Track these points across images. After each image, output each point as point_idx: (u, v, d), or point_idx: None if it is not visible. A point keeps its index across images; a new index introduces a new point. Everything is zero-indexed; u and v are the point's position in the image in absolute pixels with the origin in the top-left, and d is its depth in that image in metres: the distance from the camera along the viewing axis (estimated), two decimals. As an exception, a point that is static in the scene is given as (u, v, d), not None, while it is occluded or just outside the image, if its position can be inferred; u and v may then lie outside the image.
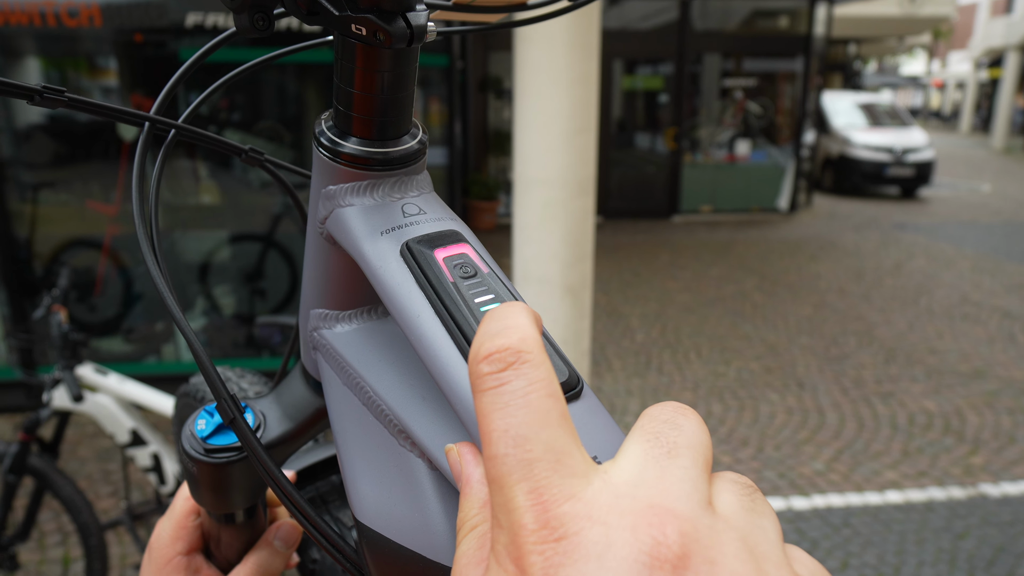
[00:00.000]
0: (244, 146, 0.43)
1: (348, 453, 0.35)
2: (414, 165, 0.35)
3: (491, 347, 0.23)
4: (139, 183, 0.36)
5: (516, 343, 0.23)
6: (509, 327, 0.23)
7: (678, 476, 0.21)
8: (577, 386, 0.27)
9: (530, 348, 0.23)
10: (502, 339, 0.23)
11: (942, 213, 10.27)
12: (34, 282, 3.81)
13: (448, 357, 0.28)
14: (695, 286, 6.39)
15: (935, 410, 3.97)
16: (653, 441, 0.22)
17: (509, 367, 0.22)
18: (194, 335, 0.32)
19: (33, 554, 2.69)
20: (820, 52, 9.89)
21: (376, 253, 0.32)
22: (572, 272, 2.74)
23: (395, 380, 0.34)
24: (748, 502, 0.22)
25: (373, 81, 0.31)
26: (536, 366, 0.22)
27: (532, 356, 0.22)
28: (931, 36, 28.93)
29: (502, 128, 9.00)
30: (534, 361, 0.22)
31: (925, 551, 2.77)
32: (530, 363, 0.22)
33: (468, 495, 0.25)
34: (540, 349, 0.23)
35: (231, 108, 4.17)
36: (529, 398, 0.21)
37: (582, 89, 2.58)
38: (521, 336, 0.23)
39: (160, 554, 0.46)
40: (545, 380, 0.22)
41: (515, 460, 0.21)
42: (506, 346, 0.23)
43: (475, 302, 0.29)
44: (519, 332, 0.23)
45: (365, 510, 0.33)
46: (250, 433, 0.33)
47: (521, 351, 0.22)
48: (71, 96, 0.33)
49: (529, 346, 0.23)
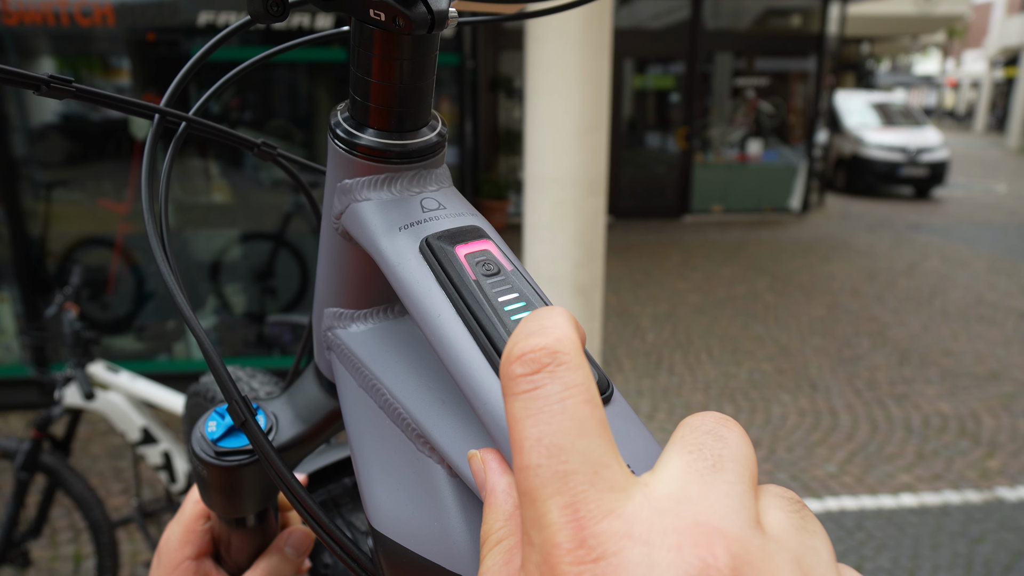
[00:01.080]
0: (256, 140, 0.42)
1: (364, 458, 0.33)
2: (433, 158, 0.33)
3: (525, 347, 0.21)
4: (149, 177, 0.34)
5: (552, 343, 0.21)
6: (547, 327, 0.22)
7: (724, 491, 0.19)
8: (607, 390, 0.26)
9: (567, 349, 0.21)
10: (537, 339, 0.21)
11: (956, 213, 10.17)
12: (47, 280, 3.83)
13: (471, 359, 0.27)
14: (706, 286, 6.35)
15: (950, 412, 3.92)
16: (696, 453, 0.21)
17: (543, 369, 0.21)
18: (204, 333, 0.31)
19: (45, 551, 2.70)
20: (833, 51, 9.81)
21: (394, 250, 0.30)
22: (583, 272, 2.72)
23: (413, 382, 0.32)
24: (798, 520, 0.20)
25: (392, 69, 0.30)
26: (573, 369, 0.21)
27: (569, 358, 0.21)
28: (946, 35, 28.67)
29: (513, 127, 8.98)
30: (571, 364, 0.21)
31: (940, 555, 2.73)
32: (567, 365, 0.21)
33: (493, 506, 0.24)
34: (578, 351, 0.21)
35: (243, 107, 4.18)
36: (565, 404, 0.20)
37: (593, 88, 2.56)
38: (558, 336, 0.21)
39: (169, 558, 0.45)
40: (583, 385, 0.20)
41: (549, 472, 0.19)
42: (541, 346, 0.21)
43: (499, 301, 0.28)
44: (556, 332, 0.22)
45: (381, 517, 0.31)
46: (262, 436, 0.32)
47: (558, 352, 0.21)
48: (79, 87, 0.32)
49: (566, 347, 0.21)
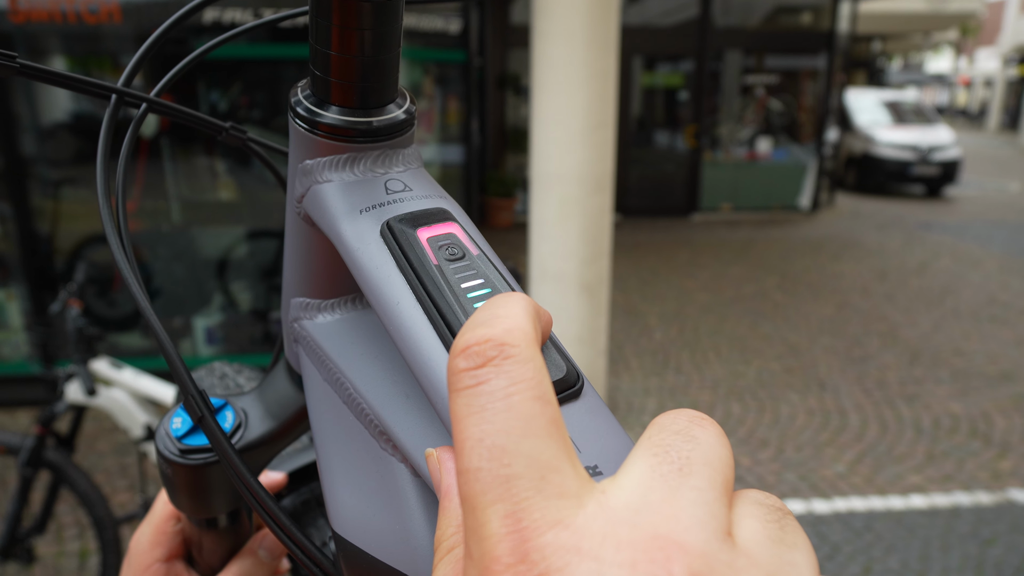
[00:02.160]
0: (224, 124, 0.40)
1: (326, 456, 0.31)
2: (400, 137, 0.31)
3: (471, 339, 0.19)
4: (105, 159, 0.33)
5: (500, 335, 0.19)
6: (497, 316, 0.20)
7: (690, 499, 0.17)
8: (576, 384, 0.24)
9: (516, 341, 0.19)
10: (484, 330, 0.19)
11: (968, 212, 10.06)
12: (54, 277, 3.84)
13: (430, 348, 0.25)
14: (714, 285, 6.31)
15: (961, 413, 3.87)
16: (662, 456, 0.19)
17: (489, 363, 0.19)
18: (158, 321, 0.29)
19: (50, 547, 2.70)
20: (844, 49, 9.73)
21: (354, 233, 0.29)
22: (589, 269, 2.70)
23: (378, 376, 0.30)
24: (776, 531, 0.18)
25: (352, 41, 0.28)
26: (522, 362, 0.19)
27: (518, 351, 0.19)
28: (958, 32, 28.39)
29: (519, 125, 8.96)
30: (520, 356, 0.19)
31: (950, 557, 2.69)
32: (515, 359, 0.19)
33: (447, 509, 0.22)
34: (530, 343, 0.19)
35: (251, 105, 4.18)
36: (511, 401, 0.18)
37: (600, 84, 2.54)
38: (507, 327, 0.19)
39: (139, 560, 0.43)
40: (532, 380, 0.19)
41: (490, 476, 0.17)
42: (487, 337, 0.19)
43: (461, 287, 0.26)
44: (506, 322, 0.20)
45: (342, 520, 0.30)
46: (220, 433, 0.30)
47: (505, 344, 0.19)
48: (24, 63, 0.30)
49: (515, 339, 0.19)
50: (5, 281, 3.79)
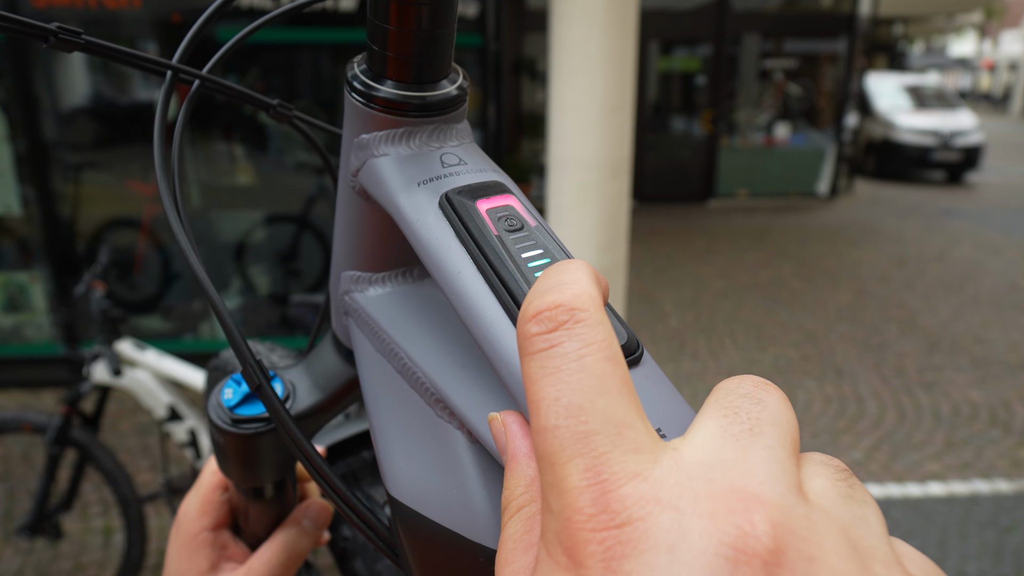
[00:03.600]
0: (272, 101, 0.41)
1: (381, 424, 0.32)
2: (454, 112, 0.32)
3: (541, 304, 0.20)
4: (161, 136, 0.33)
5: (570, 299, 0.20)
6: (564, 283, 0.20)
7: (763, 457, 0.18)
8: (637, 351, 0.25)
9: (585, 305, 0.20)
10: (554, 295, 0.20)
11: (991, 199, 9.91)
12: (77, 260, 3.89)
13: (493, 316, 0.25)
14: (730, 272, 6.27)
15: (981, 401, 3.84)
16: (732, 417, 0.19)
17: (561, 327, 0.19)
18: (216, 293, 0.30)
19: (76, 524, 2.76)
20: (864, 32, 9.57)
21: (412, 205, 0.29)
22: (606, 255, 2.70)
23: (432, 345, 0.31)
24: (845, 488, 0.19)
25: (411, 15, 0.28)
26: (592, 325, 0.19)
27: (588, 315, 0.20)
28: (983, 14, 27.81)
29: (535, 110, 8.91)
30: (590, 320, 0.19)
31: (969, 545, 2.68)
32: (585, 322, 0.19)
33: (514, 471, 0.22)
34: (598, 307, 0.20)
35: (268, 90, 4.19)
36: (584, 361, 0.19)
37: (618, 68, 2.52)
38: (575, 292, 0.20)
39: (187, 529, 0.45)
40: (603, 342, 0.19)
41: (568, 433, 0.18)
42: (558, 303, 0.20)
43: (522, 257, 0.27)
44: (574, 288, 0.20)
45: (399, 485, 0.30)
46: (277, 401, 0.31)
47: (575, 308, 0.20)
48: (88, 39, 0.31)
49: (584, 303, 0.20)
50: (29, 264, 3.85)
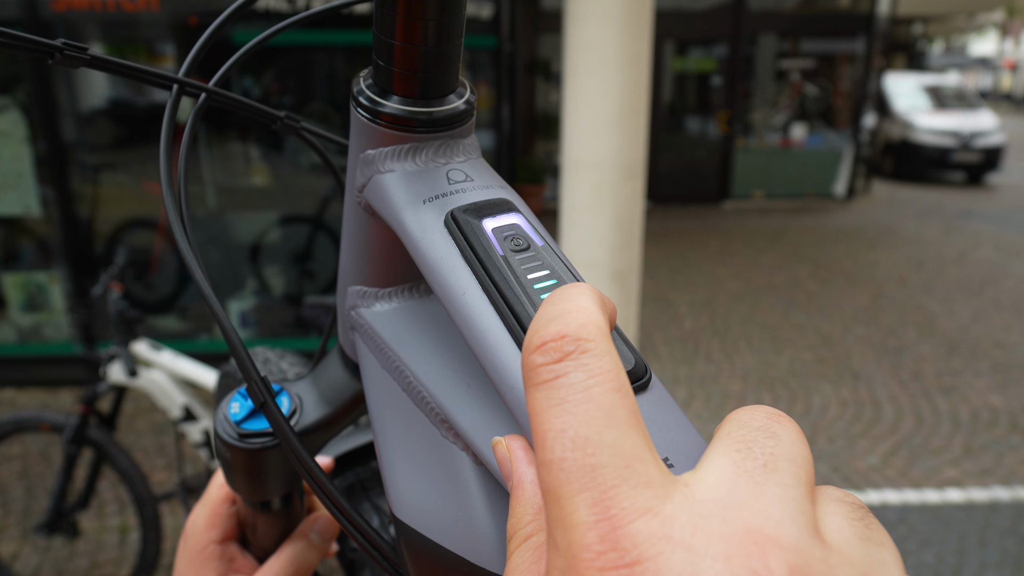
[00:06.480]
0: (279, 113, 0.41)
1: (386, 443, 0.32)
2: (461, 127, 0.31)
3: (546, 335, 0.19)
4: (168, 148, 0.33)
5: (575, 330, 0.19)
6: (568, 311, 0.20)
7: (778, 495, 0.17)
8: (644, 376, 0.24)
9: (591, 335, 0.19)
10: (558, 325, 0.20)
11: (1012, 201, 9.77)
12: (94, 260, 3.94)
13: (498, 340, 0.25)
14: (746, 273, 6.23)
15: (1001, 406, 3.78)
16: (745, 452, 0.19)
17: (567, 357, 0.19)
18: (222, 309, 0.30)
19: (93, 522, 2.79)
20: (883, 32, 9.46)
21: (418, 223, 0.29)
22: (620, 257, 2.68)
23: (438, 364, 0.31)
24: (862, 528, 0.18)
25: (417, 31, 0.28)
26: (598, 356, 0.19)
27: (594, 345, 0.19)
28: (1004, 13, 27.43)
29: (549, 111, 8.90)
30: (596, 350, 0.19)
31: (988, 552, 2.64)
32: (591, 352, 0.19)
33: (520, 498, 0.22)
34: (604, 337, 0.20)
35: (282, 92, 4.21)
36: (591, 393, 0.18)
37: (633, 69, 2.51)
38: (581, 322, 0.20)
39: (195, 541, 0.45)
40: (610, 372, 0.19)
41: (575, 466, 0.17)
42: (563, 333, 0.19)
43: (528, 278, 0.26)
44: (579, 317, 0.20)
45: (403, 506, 0.30)
46: (282, 418, 0.31)
47: (581, 339, 0.19)
48: (94, 55, 0.31)
49: (590, 333, 0.19)
50: (48, 264, 3.90)
